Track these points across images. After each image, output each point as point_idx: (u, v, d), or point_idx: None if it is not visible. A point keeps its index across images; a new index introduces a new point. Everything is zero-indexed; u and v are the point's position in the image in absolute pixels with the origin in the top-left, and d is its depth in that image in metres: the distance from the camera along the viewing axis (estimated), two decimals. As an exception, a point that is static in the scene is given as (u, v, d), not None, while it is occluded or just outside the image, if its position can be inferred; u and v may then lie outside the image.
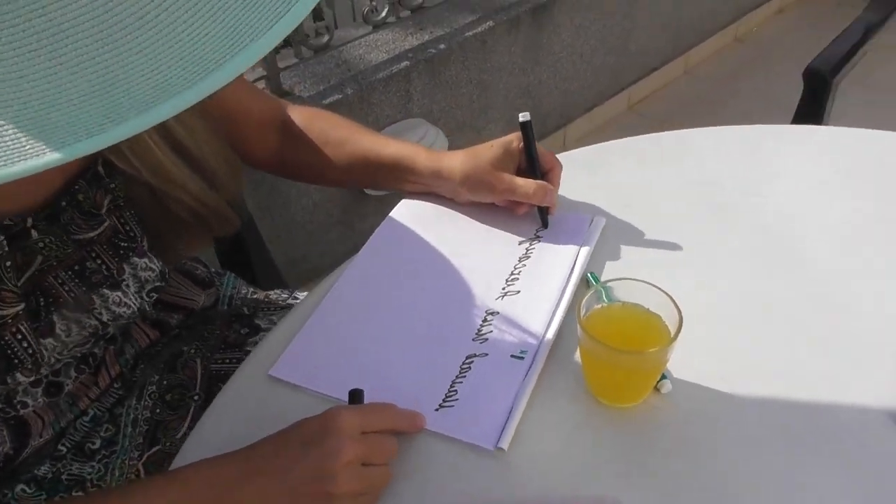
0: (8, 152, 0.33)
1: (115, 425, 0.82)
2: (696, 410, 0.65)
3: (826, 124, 1.37)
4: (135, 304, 0.78)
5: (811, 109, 1.35)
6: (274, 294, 1.03)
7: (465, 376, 0.69)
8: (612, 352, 0.59)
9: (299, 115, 0.95)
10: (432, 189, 0.90)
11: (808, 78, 1.34)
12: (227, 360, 0.87)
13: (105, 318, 0.76)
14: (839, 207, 0.86)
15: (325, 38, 1.74)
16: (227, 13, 0.37)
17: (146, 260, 0.79)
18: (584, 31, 2.23)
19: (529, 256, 0.81)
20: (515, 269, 0.79)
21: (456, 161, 0.86)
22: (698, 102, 2.65)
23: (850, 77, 1.41)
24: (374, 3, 1.82)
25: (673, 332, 0.60)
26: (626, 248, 0.82)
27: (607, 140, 0.82)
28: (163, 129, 0.73)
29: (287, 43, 1.70)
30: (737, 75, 2.79)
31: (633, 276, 0.65)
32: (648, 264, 0.80)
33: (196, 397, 0.84)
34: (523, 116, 0.83)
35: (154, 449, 0.80)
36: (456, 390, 0.67)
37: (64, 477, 0.77)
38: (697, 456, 0.62)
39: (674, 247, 0.82)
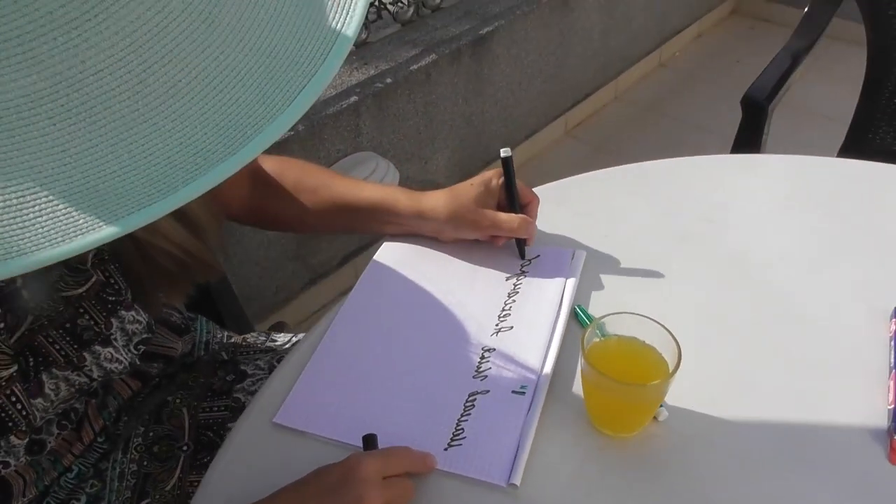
0: (64, 228, 0.33)
1: (100, 480, 0.80)
2: (693, 435, 0.68)
3: (763, 148, 1.45)
4: (125, 358, 0.77)
5: (750, 135, 1.43)
6: (251, 337, 1.02)
7: (469, 414, 0.70)
8: (617, 385, 0.62)
9: (271, 163, 0.95)
10: (413, 230, 0.91)
11: (746, 106, 1.42)
12: (215, 409, 0.86)
13: (95, 374, 0.75)
14: (797, 230, 0.92)
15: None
16: (254, 78, 0.38)
17: (133, 313, 0.78)
18: (521, 62, 2.29)
19: (518, 292, 0.83)
20: (506, 304, 0.82)
21: (438, 201, 0.88)
22: (630, 126, 2.76)
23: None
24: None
25: (672, 363, 0.63)
26: (607, 278, 0.86)
27: (548, 164, 0.86)
28: None
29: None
30: (664, 99, 2.91)
31: (616, 305, 0.68)
32: (629, 293, 0.83)
33: (185, 447, 0.83)
34: (504, 152, 0.87)
35: (143, 502, 0.78)
36: (462, 428, 0.69)
37: None
38: (699, 479, 0.65)
39: (652, 275, 0.86)
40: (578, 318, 0.80)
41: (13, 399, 0.67)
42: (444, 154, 2.17)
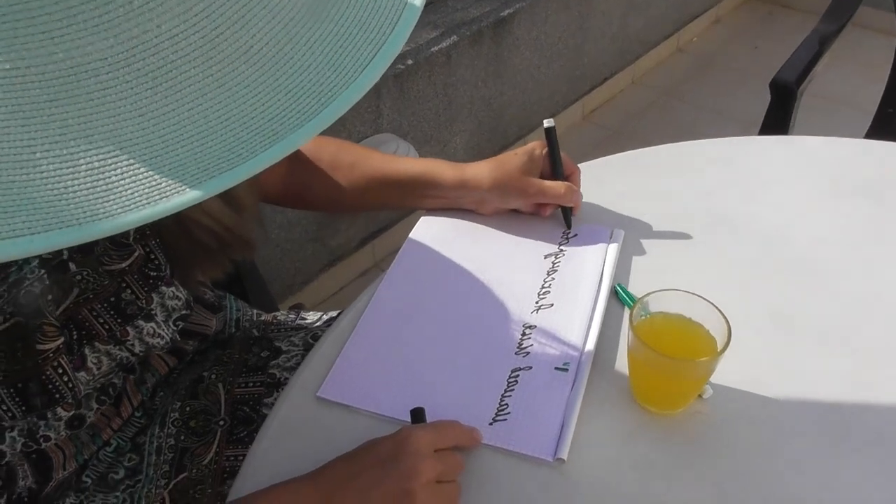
0: (148, 191, 0.34)
1: (138, 454, 0.80)
2: (738, 412, 0.68)
3: (791, 132, 1.44)
4: (167, 334, 0.77)
5: (779, 118, 1.42)
6: (281, 315, 1.02)
7: (513, 390, 0.70)
8: (668, 360, 0.62)
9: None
10: (455, 202, 0.91)
11: (775, 89, 1.41)
12: (251, 384, 0.86)
13: (137, 349, 0.75)
14: (836, 210, 0.91)
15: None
16: (324, 46, 0.38)
17: (173, 289, 0.78)
18: (541, 45, 2.28)
19: (557, 270, 0.83)
20: (545, 282, 0.81)
21: (482, 170, 0.88)
22: (647, 110, 2.74)
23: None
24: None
25: (721, 340, 0.63)
26: (645, 258, 0.85)
27: (566, 148, 0.86)
28: None
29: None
30: (681, 83, 2.89)
31: (655, 285, 0.68)
32: (668, 273, 0.83)
33: (222, 422, 0.83)
34: (548, 122, 0.88)
35: (181, 476, 0.79)
36: (507, 404, 0.69)
37: None
38: (744, 456, 0.65)
39: (690, 255, 0.85)
40: (619, 296, 0.80)
41: (60, 371, 0.67)
42: (462, 137, 2.16)
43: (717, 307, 0.64)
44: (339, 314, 0.86)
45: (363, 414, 0.70)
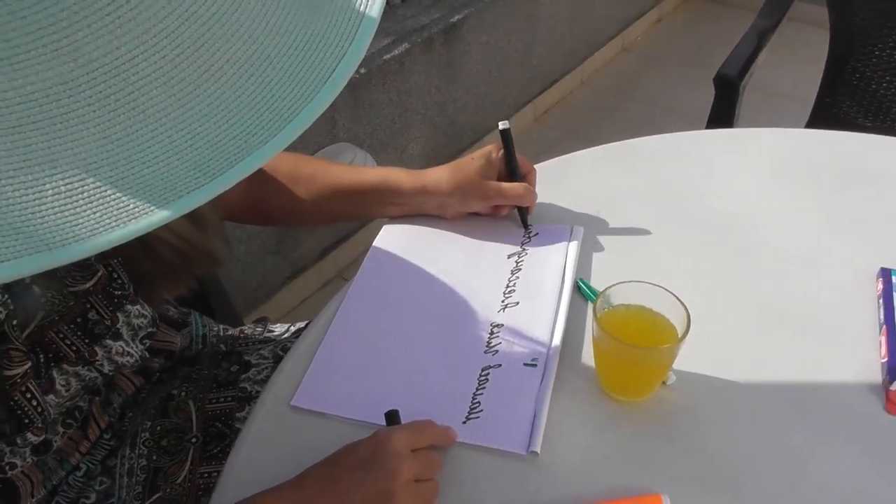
0: (116, 213, 0.34)
1: (109, 477, 0.79)
2: (700, 397, 0.71)
3: (735, 125, 1.49)
4: (136, 352, 0.76)
5: (723, 111, 1.46)
6: (248, 329, 1.02)
7: (484, 388, 0.72)
8: (631, 349, 0.64)
9: None
10: (416, 208, 0.92)
11: (719, 84, 1.45)
12: (223, 399, 0.86)
13: (107, 369, 0.74)
14: (781, 198, 0.95)
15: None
16: (284, 61, 0.39)
17: (138, 307, 0.78)
18: (491, 49, 2.31)
19: (520, 269, 0.85)
20: (510, 281, 0.83)
21: (441, 175, 0.90)
22: (597, 110, 2.79)
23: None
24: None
25: (681, 327, 0.65)
26: (603, 254, 0.88)
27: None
28: None
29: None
30: (628, 82, 2.95)
31: (616, 278, 0.70)
32: (627, 267, 0.85)
33: (194, 439, 0.83)
34: (503, 125, 0.90)
35: (155, 496, 0.78)
36: (479, 402, 0.70)
37: None
38: (708, 438, 0.68)
39: (646, 248, 0.88)
40: (582, 291, 0.82)
41: (28, 396, 0.66)
42: (418, 143, 2.17)
43: (675, 296, 0.67)
44: (307, 325, 0.87)
45: (338, 421, 0.70)
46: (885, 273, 0.80)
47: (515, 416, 0.69)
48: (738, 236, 0.89)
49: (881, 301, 0.78)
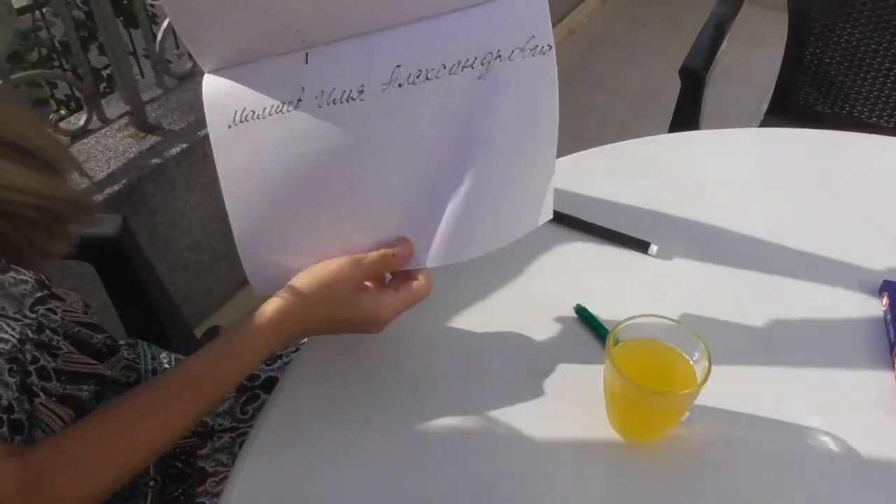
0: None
1: None
2: (715, 433, 0.67)
3: (701, 116, 1.47)
4: (14, 331, 0.65)
5: (690, 104, 1.44)
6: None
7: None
8: (648, 394, 0.60)
9: None
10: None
11: (685, 76, 1.42)
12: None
13: None
14: (771, 203, 0.93)
15: (190, 64, 1.63)
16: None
17: (12, 274, 0.68)
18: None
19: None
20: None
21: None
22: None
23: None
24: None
25: (701, 371, 0.61)
26: (594, 267, 0.84)
27: None
28: None
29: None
30: (575, 65, 2.92)
31: (610, 293, 0.68)
32: (621, 280, 0.81)
33: (152, 483, 0.76)
34: None
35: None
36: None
37: None
38: (729, 477, 0.64)
39: (639, 259, 0.85)
40: (582, 315, 0.77)
41: None
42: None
43: (695, 332, 0.63)
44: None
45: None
46: (890, 287, 0.77)
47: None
48: (736, 251, 0.86)
49: (888, 318, 0.75)
